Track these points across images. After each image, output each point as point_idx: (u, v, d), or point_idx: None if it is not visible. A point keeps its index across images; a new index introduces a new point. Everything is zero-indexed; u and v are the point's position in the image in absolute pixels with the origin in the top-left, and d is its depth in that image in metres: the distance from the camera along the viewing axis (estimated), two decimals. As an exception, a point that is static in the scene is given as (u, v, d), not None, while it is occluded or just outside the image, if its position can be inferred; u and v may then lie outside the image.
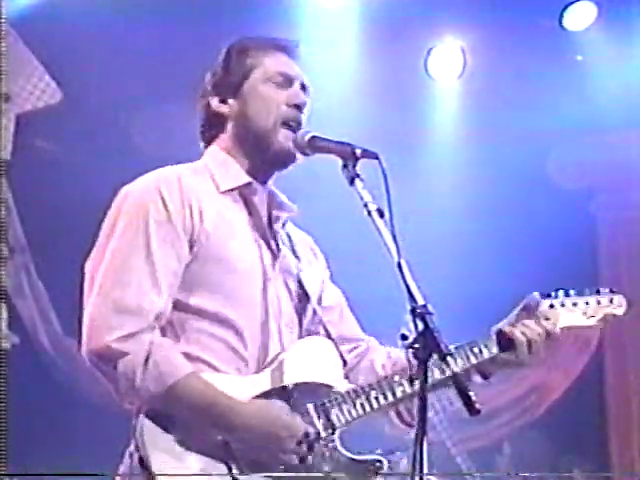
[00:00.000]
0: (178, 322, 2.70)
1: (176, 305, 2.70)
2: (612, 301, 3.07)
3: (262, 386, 2.70)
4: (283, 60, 2.93)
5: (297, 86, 2.91)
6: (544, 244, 6.41)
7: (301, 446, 2.64)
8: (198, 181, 2.82)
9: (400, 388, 2.78)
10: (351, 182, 2.60)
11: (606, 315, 3.07)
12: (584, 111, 6.42)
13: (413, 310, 2.33)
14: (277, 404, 2.68)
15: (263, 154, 2.87)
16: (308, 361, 2.80)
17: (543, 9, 6.20)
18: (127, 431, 2.64)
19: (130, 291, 2.62)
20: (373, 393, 2.78)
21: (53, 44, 5.63)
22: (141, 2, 5.56)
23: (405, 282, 2.37)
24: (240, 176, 2.86)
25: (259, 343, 2.76)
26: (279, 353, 2.77)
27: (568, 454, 6.70)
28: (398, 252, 2.43)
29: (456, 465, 6.54)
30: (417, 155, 6.51)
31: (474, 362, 2.87)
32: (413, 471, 2.24)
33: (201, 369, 2.66)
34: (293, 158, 2.85)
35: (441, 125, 6.79)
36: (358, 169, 2.62)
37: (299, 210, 2.98)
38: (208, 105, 2.92)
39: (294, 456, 2.64)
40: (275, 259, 2.86)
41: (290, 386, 2.71)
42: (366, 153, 2.64)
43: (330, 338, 2.89)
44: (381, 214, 2.51)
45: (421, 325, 2.32)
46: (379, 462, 2.76)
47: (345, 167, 2.63)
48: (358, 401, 2.76)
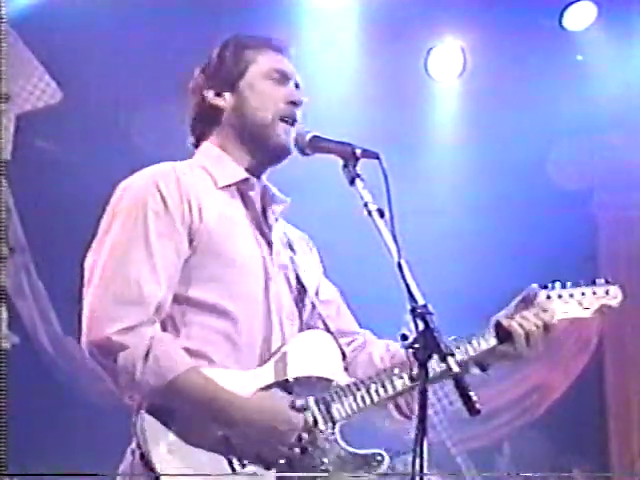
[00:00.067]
0: (178, 315, 2.70)
1: (176, 299, 2.70)
2: (608, 292, 3.08)
3: (264, 380, 2.71)
4: (278, 58, 2.95)
5: (292, 84, 2.93)
6: (544, 244, 6.40)
7: (302, 440, 2.64)
8: (195, 177, 2.82)
9: (400, 381, 2.78)
10: (351, 182, 2.60)
11: (602, 306, 3.08)
12: (584, 111, 6.42)
13: (413, 310, 2.34)
14: (278, 398, 2.68)
15: (260, 148, 2.88)
16: (309, 355, 2.80)
17: (543, 9, 6.20)
18: (127, 431, 2.63)
19: (130, 283, 2.62)
20: (373, 386, 2.78)
21: (53, 44, 5.63)
22: (141, 2, 5.56)
23: (405, 282, 2.38)
24: (237, 172, 2.86)
25: (261, 336, 2.76)
26: (280, 346, 2.77)
27: (568, 454, 6.69)
28: (398, 252, 2.44)
29: (456, 465, 6.55)
30: (417, 155, 6.50)
31: (472, 354, 2.87)
32: (413, 471, 2.24)
33: (202, 364, 2.65)
34: (289, 152, 2.87)
35: (441, 125, 6.79)
36: (358, 169, 2.63)
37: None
38: (203, 98, 2.92)
39: (295, 450, 2.64)
40: (273, 253, 2.86)
41: (291, 380, 2.72)
42: (366, 153, 2.65)
43: (329, 331, 2.90)
44: (381, 214, 2.51)
45: (421, 325, 2.32)
46: (380, 456, 2.75)
47: (345, 167, 2.64)
48: (358, 394, 2.76)
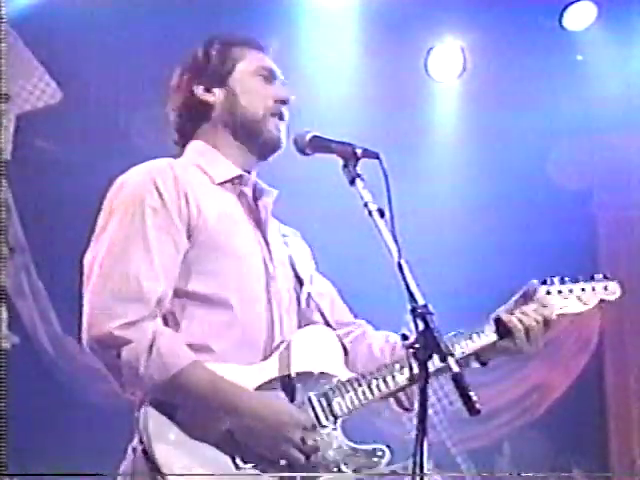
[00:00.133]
0: (179, 310, 2.70)
1: (176, 293, 2.69)
2: (607, 288, 3.09)
3: (268, 375, 2.70)
4: (261, 56, 2.97)
5: (279, 82, 2.96)
6: (544, 244, 6.40)
7: (307, 438, 2.62)
8: (190, 174, 2.82)
9: (402, 377, 2.78)
10: (352, 182, 2.60)
11: (601, 301, 3.08)
12: (584, 111, 6.42)
13: (413, 310, 2.33)
14: (283, 394, 2.67)
15: (253, 142, 2.89)
16: (312, 350, 2.79)
17: (543, 9, 6.20)
18: (127, 431, 2.63)
19: (129, 279, 2.61)
20: (375, 382, 2.77)
21: (53, 44, 5.63)
22: (141, 2, 5.56)
23: (405, 282, 2.38)
24: (231, 168, 2.87)
25: (262, 329, 2.76)
26: (282, 341, 2.77)
27: (568, 454, 6.69)
28: (398, 252, 2.44)
29: (456, 465, 6.55)
30: (417, 155, 6.50)
31: (472, 350, 2.87)
32: (413, 471, 2.24)
33: (204, 358, 2.64)
34: (280, 146, 2.90)
35: (441, 125, 6.79)
36: (359, 169, 2.63)
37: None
38: (191, 94, 2.92)
39: (299, 445, 2.61)
40: (270, 246, 2.87)
41: (293, 375, 2.71)
42: (367, 153, 2.65)
43: (326, 321, 2.91)
44: (382, 214, 2.51)
45: (421, 325, 2.32)
46: (381, 451, 2.75)
47: (346, 167, 2.64)
48: (360, 389, 2.75)
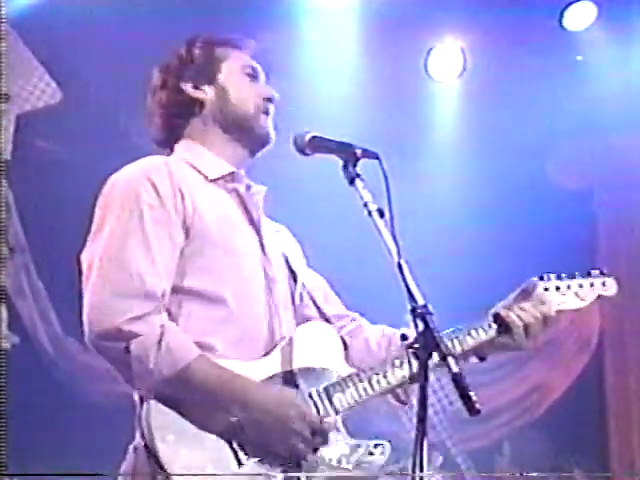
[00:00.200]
0: (175, 306, 2.69)
1: (172, 289, 2.69)
2: (604, 284, 3.12)
3: (271, 370, 2.70)
4: (244, 56, 2.99)
5: (263, 81, 2.98)
6: (544, 244, 6.40)
7: (315, 435, 2.61)
8: (184, 171, 2.82)
9: (401, 372, 2.77)
10: (351, 182, 2.60)
11: (598, 297, 3.10)
12: (584, 111, 6.42)
13: (413, 310, 2.34)
14: (290, 389, 2.67)
15: (245, 138, 2.91)
16: (312, 345, 2.79)
17: (543, 9, 6.20)
18: (128, 431, 2.62)
19: (132, 276, 2.61)
20: (375, 377, 2.76)
21: (53, 44, 5.63)
22: (141, 2, 5.56)
23: (405, 282, 2.38)
24: (223, 165, 2.88)
25: (261, 324, 2.76)
26: (283, 337, 2.77)
27: (568, 454, 6.70)
28: (398, 252, 2.44)
29: (456, 465, 6.55)
30: (417, 155, 6.50)
31: (471, 346, 2.87)
32: (413, 471, 2.24)
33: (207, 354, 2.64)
34: (269, 141, 2.93)
35: (441, 125, 6.79)
36: (358, 169, 2.63)
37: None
38: (180, 92, 2.92)
39: (308, 439, 2.60)
40: (265, 242, 2.87)
41: (295, 371, 2.71)
42: (366, 153, 2.65)
43: (322, 315, 2.92)
44: (381, 214, 2.52)
45: (421, 325, 2.33)
46: (382, 446, 2.74)
47: (345, 167, 2.64)
48: (360, 385, 2.75)
